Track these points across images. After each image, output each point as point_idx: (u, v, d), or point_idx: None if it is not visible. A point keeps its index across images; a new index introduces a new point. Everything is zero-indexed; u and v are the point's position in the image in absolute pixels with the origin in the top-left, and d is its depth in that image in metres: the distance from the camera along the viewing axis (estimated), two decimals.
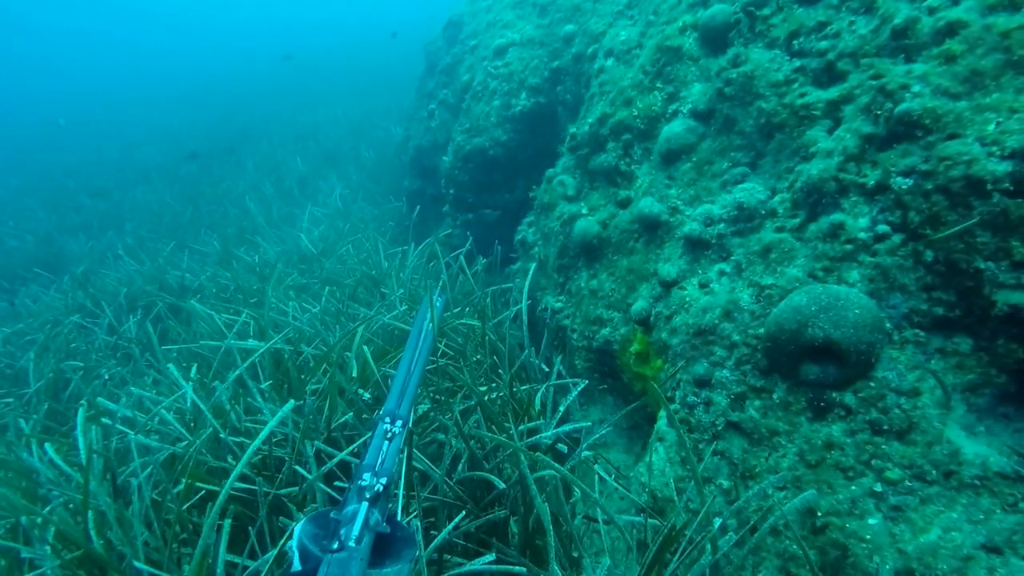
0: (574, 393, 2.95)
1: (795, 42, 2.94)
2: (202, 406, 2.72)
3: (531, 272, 3.87)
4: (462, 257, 5.21)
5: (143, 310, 6.04)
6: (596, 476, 2.65)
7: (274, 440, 2.68)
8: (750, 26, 3.23)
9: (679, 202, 3.17)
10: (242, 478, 2.34)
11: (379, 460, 1.35)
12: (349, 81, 20.50)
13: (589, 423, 3.42)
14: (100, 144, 21.20)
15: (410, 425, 1.64)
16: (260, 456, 2.56)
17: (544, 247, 4.09)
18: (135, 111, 24.41)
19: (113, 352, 5.35)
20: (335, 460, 2.46)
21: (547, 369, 3.77)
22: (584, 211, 3.76)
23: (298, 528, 1.21)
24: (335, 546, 1.14)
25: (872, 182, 2.30)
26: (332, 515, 1.23)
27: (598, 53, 4.85)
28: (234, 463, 2.33)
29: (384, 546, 1.20)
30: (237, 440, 2.69)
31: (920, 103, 2.22)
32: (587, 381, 3.14)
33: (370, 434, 1.48)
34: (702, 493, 2.12)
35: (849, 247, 2.30)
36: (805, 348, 2.19)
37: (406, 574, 1.16)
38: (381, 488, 1.26)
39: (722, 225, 2.86)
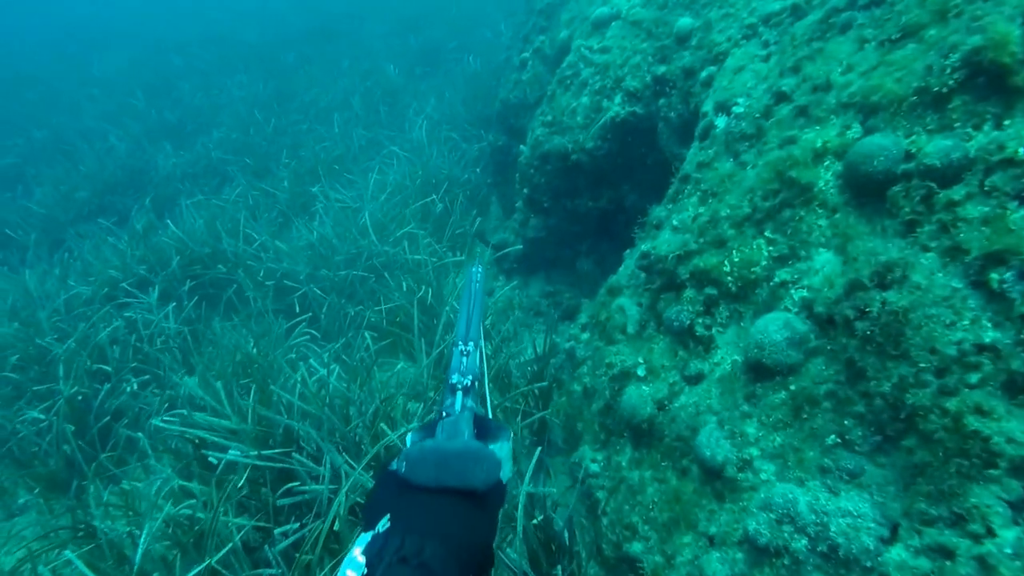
0: None
1: (993, 275, 1.77)
2: None
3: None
4: None
5: (192, 288, 5.94)
6: None
7: None
8: (926, 198, 2.02)
9: (755, 451, 2.22)
10: None
11: (461, 364, 1.30)
12: None
13: None
14: (210, 16, 21.16)
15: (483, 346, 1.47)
16: None
17: (591, 378, 3.25)
18: None
19: (158, 337, 5.28)
20: None
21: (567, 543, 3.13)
22: (641, 372, 2.84)
23: (409, 436, 1.21)
24: (443, 415, 1.18)
25: None
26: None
27: (713, 83, 3.58)
28: None
29: (481, 434, 1.17)
30: None
31: None
32: None
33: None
34: None
35: None
36: None
37: (508, 450, 1.16)
38: (469, 382, 1.25)
39: (805, 542, 1.95)
